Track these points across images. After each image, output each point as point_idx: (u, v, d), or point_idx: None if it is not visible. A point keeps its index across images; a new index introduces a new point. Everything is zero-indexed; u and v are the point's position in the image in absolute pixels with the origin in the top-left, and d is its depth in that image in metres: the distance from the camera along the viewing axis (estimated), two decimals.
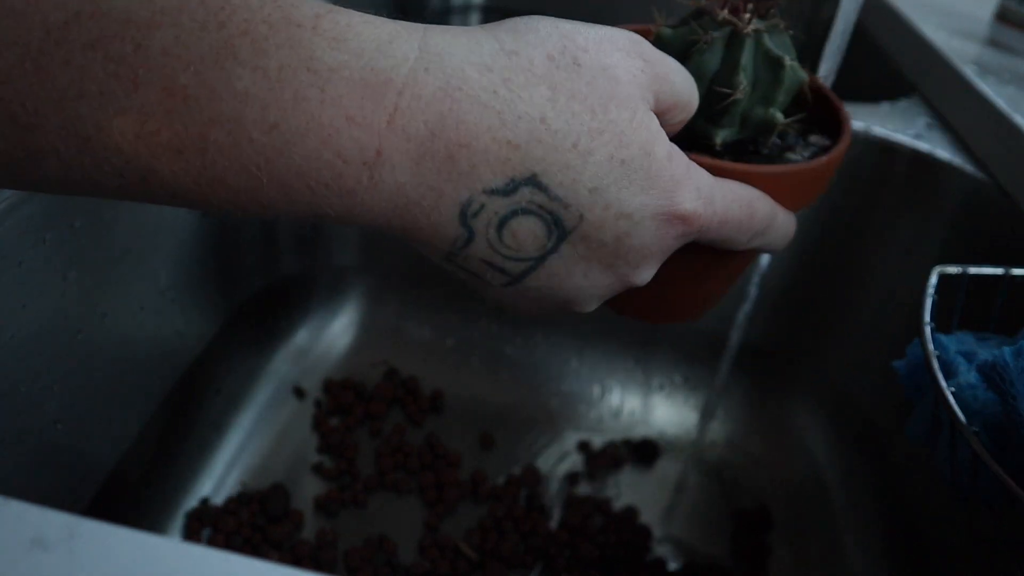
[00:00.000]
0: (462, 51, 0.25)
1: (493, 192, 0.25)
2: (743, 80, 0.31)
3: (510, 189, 0.25)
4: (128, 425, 0.51)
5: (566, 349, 0.71)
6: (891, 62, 0.76)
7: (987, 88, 0.58)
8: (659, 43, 0.33)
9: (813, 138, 0.37)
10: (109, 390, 0.49)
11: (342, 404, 0.65)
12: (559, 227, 0.26)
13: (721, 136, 0.33)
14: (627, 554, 0.57)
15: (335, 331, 0.71)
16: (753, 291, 0.60)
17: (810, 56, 0.54)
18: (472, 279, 0.29)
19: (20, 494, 0.23)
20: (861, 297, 0.64)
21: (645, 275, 0.29)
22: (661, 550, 0.58)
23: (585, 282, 0.29)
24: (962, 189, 0.56)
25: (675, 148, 0.28)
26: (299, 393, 0.66)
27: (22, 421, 0.42)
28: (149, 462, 0.53)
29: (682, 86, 0.29)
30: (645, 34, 0.34)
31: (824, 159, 0.34)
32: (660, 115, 0.29)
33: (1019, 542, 0.40)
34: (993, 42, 0.72)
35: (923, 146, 0.58)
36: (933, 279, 0.40)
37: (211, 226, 0.58)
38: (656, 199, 0.27)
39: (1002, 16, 0.73)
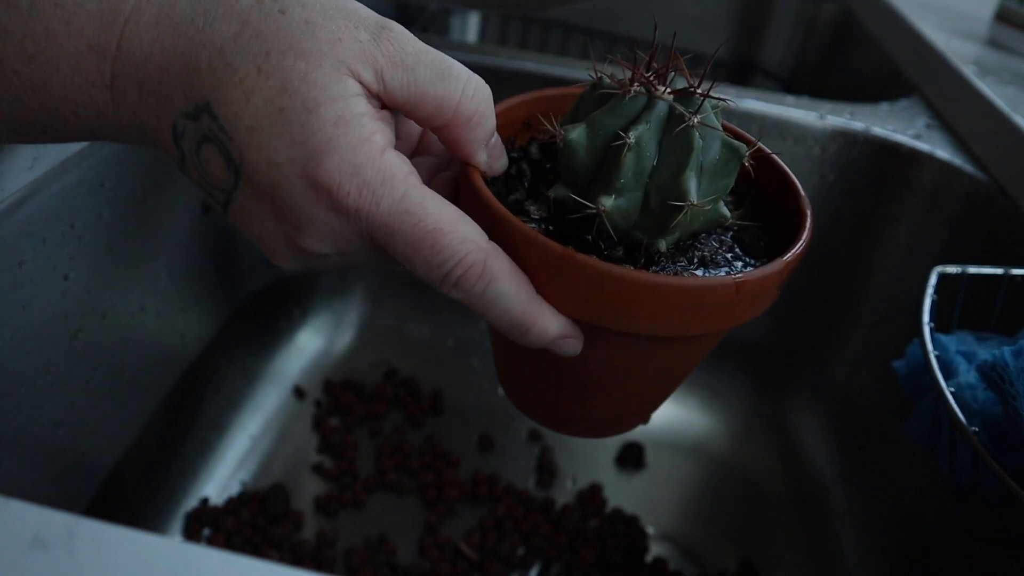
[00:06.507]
0: None
1: (187, 116, 0.27)
2: (632, 136, 0.27)
3: (195, 114, 0.27)
4: (128, 425, 0.51)
5: None
6: (891, 62, 0.76)
7: (987, 88, 0.58)
8: (596, 90, 0.29)
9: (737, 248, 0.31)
10: (109, 390, 0.49)
11: (342, 404, 0.65)
12: (231, 161, 0.27)
13: (610, 200, 0.28)
14: (627, 555, 0.57)
15: (335, 331, 0.71)
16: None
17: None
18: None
19: (20, 494, 0.23)
20: (861, 297, 0.64)
21: (311, 243, 0.28)
22: (662, 550, 0.58)
23: (263, 229, 0.28)
24: (962, 189, 0.56)
25: (359, 122, 0.26)
26: (299, 393, 0.66)
27: (22, 421, 0.42)
28: (149, 462, 0.53)
29: (428, 80, 0.27)
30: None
31: (786, 258, 0.28)
32: (395, 103, 0.28)
33: (1019, 542, 0.40)
34: (993, 42, 0.72)
35: (923, 146, 0.58)
36: (933, 279, 0.40)
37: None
38: (303, 156, 0.26)
39: (1002, 16, 0.73)
